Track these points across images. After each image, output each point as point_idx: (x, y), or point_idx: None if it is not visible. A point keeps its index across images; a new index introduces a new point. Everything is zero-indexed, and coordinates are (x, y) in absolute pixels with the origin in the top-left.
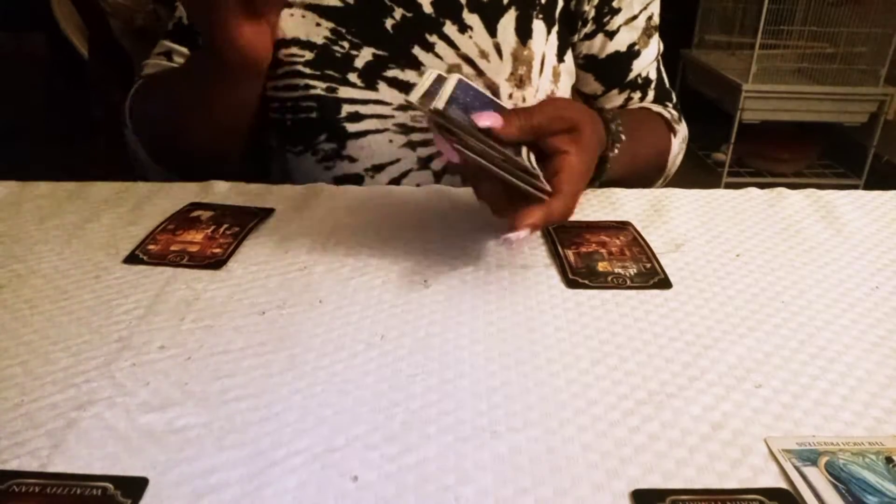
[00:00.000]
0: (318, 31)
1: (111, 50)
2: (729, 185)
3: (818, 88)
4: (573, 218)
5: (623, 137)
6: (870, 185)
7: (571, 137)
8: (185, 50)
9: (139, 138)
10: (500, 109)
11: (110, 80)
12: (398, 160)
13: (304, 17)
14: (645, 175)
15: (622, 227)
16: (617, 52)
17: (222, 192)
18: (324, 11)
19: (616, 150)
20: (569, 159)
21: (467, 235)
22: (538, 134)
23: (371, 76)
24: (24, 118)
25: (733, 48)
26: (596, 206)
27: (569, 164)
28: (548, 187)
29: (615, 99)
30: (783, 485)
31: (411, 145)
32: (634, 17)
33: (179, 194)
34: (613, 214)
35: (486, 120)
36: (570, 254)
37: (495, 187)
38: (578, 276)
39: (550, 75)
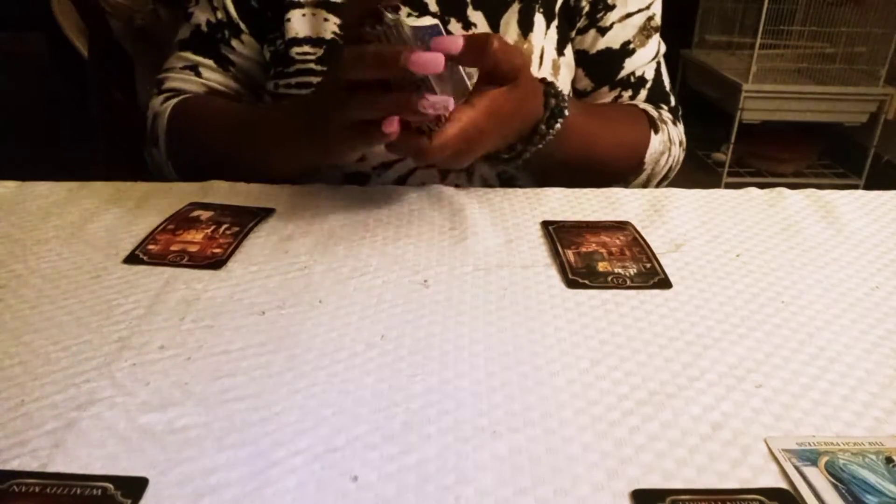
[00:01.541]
0: (326, 27)
1: (111, 50)
2: (729, 185)
3: (818, 88)
4: (574, 218)
5: (566, 112)
6: (870, 185)
7: (498, 90)
8: (211, 62)
9: (170, 157)
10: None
11: (110, 80)
12: (404, 158)
13: (314, 14)
14: (610, 166)
15: (622, 227)
16: (609, 49)
17: (222, 192)
18: (331, 7)
19: (557, 126)
20: (469, 115)
21: (467, 235)
22: (484, 55)
23: None
24: (24, 118)
25: (733, 48)
26: (596, 206)
27: (466, 119)
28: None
29: (605, 96)
30: (783, 485)
31: None
32: (629, 15)
33: (179, 194)
34: (613, 214)
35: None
36: (570, 254)
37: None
38: (578, 276)
39: (550, 68)
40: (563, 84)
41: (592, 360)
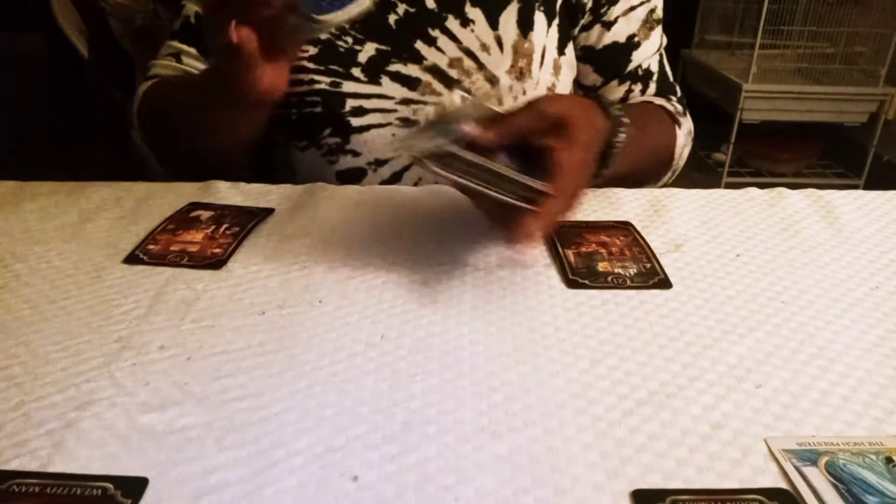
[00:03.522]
0: None
1: (111, 50)
2: (729, 185)
3: (818, 88)
4: (574, 217)
5: (625, 121)
6: (870, 185)
7: (560, 134)
8: (193, 51)
9: (147, 142)
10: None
11: (110, 80)
12: (400, 154)
13: None
14: (653, 168)
15: (622, 227)
16: (615, 43)
17: (222, 192)
18: None
19: (621, 135)
20: (558, 156)
21: (467, 235)
22: (522, 135)
23: (374, 71)
24: (24, 118)
25: (733, 48)
26: (596, 206)
27: (559, 161)
28: (543, 187)
29: (615, 90)
30: (783, 485)
31: None
32: (633, 8)
33: (179, 194)
34: (613, 214)
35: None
36: (570, 254)
37: (488, 203)
38: (578, 276)
39: (551, 68)
40: (565, 84)
41: (592, 360)
